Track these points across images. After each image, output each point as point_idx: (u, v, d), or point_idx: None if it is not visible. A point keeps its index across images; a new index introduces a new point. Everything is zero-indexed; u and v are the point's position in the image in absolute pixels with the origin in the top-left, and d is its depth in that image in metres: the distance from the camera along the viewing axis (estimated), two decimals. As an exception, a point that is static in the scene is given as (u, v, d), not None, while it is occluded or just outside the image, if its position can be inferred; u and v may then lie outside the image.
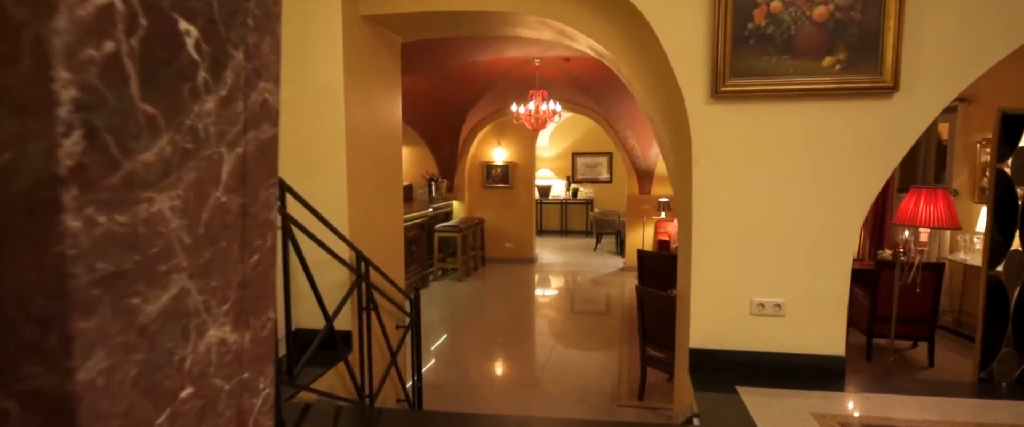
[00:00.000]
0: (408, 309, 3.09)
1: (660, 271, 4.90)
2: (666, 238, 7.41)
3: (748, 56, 2.03)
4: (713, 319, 2.14)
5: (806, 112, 2.01)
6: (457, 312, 6.23)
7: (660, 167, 8.01)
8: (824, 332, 2.07)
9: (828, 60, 1.99)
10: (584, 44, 2.57)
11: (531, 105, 5.43)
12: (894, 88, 1.93)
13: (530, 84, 6.03)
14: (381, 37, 2.82)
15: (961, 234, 5.06)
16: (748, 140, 2.05)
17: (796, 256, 2.05)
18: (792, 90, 2.00)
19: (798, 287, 2.07)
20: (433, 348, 5.12)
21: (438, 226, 7.61)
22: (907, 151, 1.99)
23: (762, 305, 2.09)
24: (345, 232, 2.42)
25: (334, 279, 2.45)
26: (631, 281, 7.58)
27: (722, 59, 2.04)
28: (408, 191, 8.58)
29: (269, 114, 0.89)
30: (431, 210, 7.40)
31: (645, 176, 8.06)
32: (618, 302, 6.51)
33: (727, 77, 2.04)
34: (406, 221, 6.51)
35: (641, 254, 5.07)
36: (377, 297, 2.53)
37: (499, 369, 4.60)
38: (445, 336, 5.34)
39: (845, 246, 2.03)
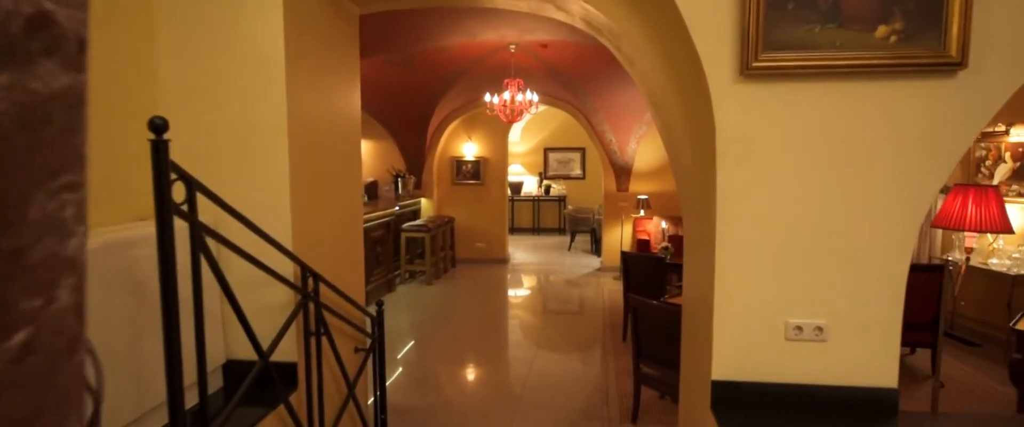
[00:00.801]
0: (369, 329, 2.65)
1: (647, 274, 4.56)
2: (646, 237, 7.12)
3: (786, 24, 1.67)
4: (741, 345, 1.78)
5: (854, 94, 1.66)
6: (426, 318, 5.79)
7: (638, 163, 7.71)
8: (874, 359, 1.73)
9: (882, 30, 1.64)
10: (577, 11, 2.17)
11: (506, 95, 5.02)
12: (960, 64, 1.59)
13: (504, 73, 5.62)
14: (334, 3, 2.36)
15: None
16: (784, 128, 1.69)
17: (841, 268, 1.71)
18: (838, 67, 1.64)
19: (843, 306, 1.72)
20: (399, 357, 4.69)
21: (405, 226, 7.13)
22: (973, 141, 1.67)
23: (800, 328, 1.74)
24: (288, 240, 1.97)
25: (274, 300, 2.00)
26: (610, 283, 7.27)
27: (754, 28, 1.67)
28: (373, 188, 8.08)
29: (57, 45, 0.45)
30: (397, 209, 6.93)
31: (623, 172, 7.75)
32: (598, 306, 6.17)
33: (760, 50, 1.67)
34: (370, 221, 6.03)
35: (626, 257, 4.73)
36: (330, 318, 2.09)
37: (475, 385, 4.19)
38: (413, 344, 4.90)
39: (899, 255, 1.69)
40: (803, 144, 1.68)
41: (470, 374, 4.39)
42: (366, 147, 8.40)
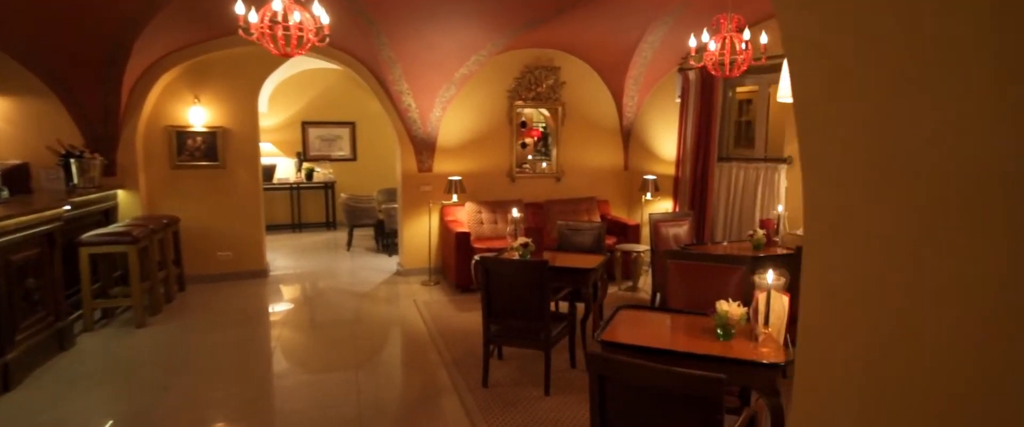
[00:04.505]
0: None
1: (520, 289, 3.22)
2: (462, 229, 5.79)
3: None
4: None
5: None
6: (140, 388, 3.49)
7: (445, 135, 6.31)
8: None
9: None
10: None
11: (276, 6, 3.07)
12: None
13: (263, -20, 3.61)
14: None
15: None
16: None
17: None
18: None
19: None
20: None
21: (88, 235, 4.50)
22: None
23: None
24: None
25: None
26: (421, 291, 5.76)
27: None
28: (21, 177, 5.09)
29: None
30: (68, 207, 4.28)
31: (425, 147, 6.27)
32: (421, 330, 4.62)
33: None
34: (4, 232, 3.44)
35: (487, 264, 3.30)
36: None
37: None
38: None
39: None
40: None
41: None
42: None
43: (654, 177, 6.17)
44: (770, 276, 2.05)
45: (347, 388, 3.55)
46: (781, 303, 2.04)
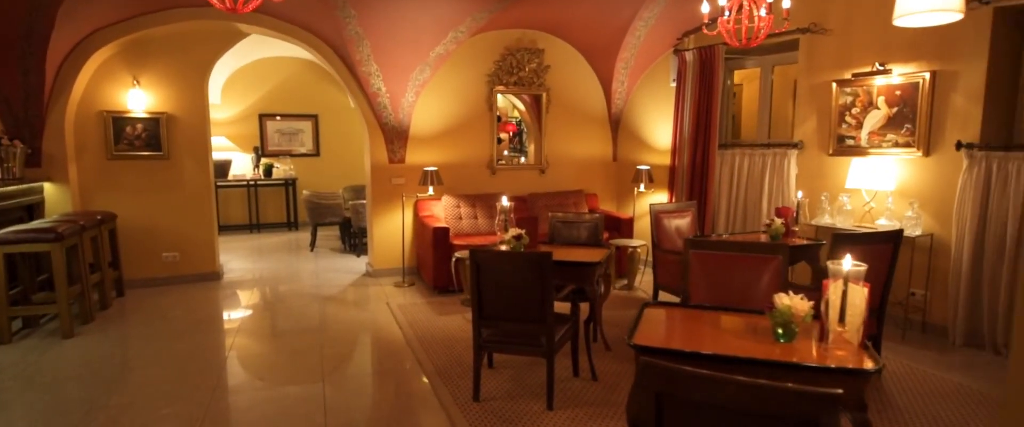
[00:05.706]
0: None
1: (518, 289, 2.80)
2: (440, 224, 5.35)
3: None
4: None
5: None
6: (63, 408, 2.95)
7: (418, 123, 5.86)
8: None
9: None
10: None
11: (224, -50, 2.61)
12: None
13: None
14: None
15: (824, 194, 4.40)
16: None
17: None
18: None
19: None
20: None
21: (3, 232, 3.92)
22: None
23: None
24: None
25: None
26: (394, 293, 5.29)
27: None
28: (-77, 165, 4.47)
29: None
30: (-23, 199, 3.69)
31: (397, 136, 5.80)
32: (397, 337, 4.17)
33: None
34: None
35: (478, 256, 2.87)
36: None
37: None
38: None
39: None
40: None
41: None
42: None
43: (648, 168, 5.84)
44: (846, 262, 1.70)
45: (312, 404, 3.08)
46: (860, 295, 1.69)
